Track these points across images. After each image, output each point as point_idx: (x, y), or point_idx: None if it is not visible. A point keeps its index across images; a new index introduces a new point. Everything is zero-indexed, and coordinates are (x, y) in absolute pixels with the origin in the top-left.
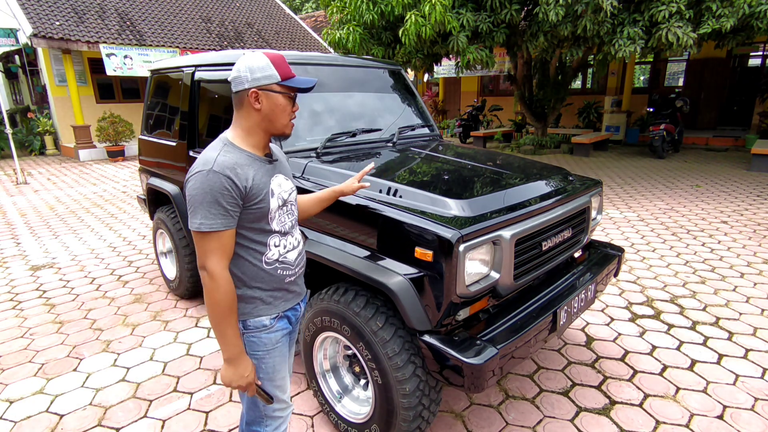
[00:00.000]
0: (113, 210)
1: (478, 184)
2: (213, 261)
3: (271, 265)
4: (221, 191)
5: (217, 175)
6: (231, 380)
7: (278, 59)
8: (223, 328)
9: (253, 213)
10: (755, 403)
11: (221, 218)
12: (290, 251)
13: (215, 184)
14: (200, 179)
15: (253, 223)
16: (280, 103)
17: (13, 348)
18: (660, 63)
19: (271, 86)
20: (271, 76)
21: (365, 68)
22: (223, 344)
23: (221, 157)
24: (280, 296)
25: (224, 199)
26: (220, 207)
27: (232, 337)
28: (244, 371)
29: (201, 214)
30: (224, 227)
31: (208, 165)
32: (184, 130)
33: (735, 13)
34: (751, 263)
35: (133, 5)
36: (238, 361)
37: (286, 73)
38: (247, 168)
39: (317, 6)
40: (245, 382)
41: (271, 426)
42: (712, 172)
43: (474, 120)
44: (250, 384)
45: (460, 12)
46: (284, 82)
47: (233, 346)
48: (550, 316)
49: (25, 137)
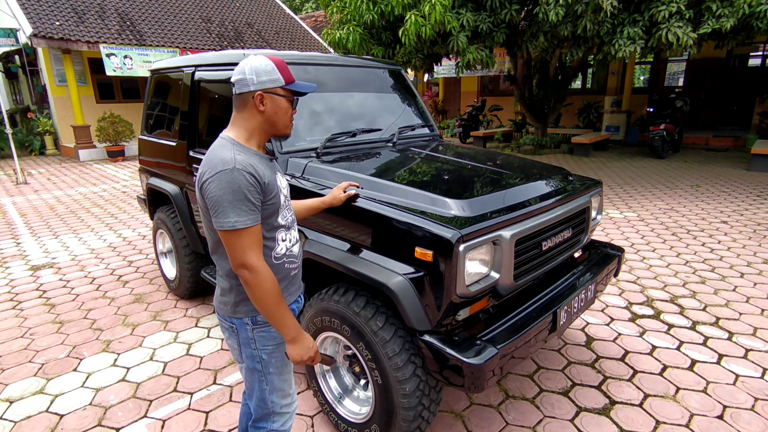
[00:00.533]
0: (113, 210)
1: (478, 184)
2: (253, 256)
3: (280, 259)
4: (248, 187)
5: (241, 173)
6: (301, 356)
7: (281, 63)
8: (280, 314)
9: (268, 209)
10: (755, 403)
11: (252, 214)
12: (295, 245)
13: (242, 182)
14: (225, 178)
15: (265, 219)
16: (282, 106)
17: (13, 348)
18: (660, 63)
19: (276, 89)
20: (277, 80)
21: (365, 68)
22: (285, 327)
23: (238, 156)
24: (285, 289)
25: (251, 194)
26: (250, 203)
27: (290, 318)
28: (309, 343)
29: (234, 213)
30: (256, 222)
31: (229, 164)
32: (184, 130)
33: (735, 13)
34: (751, 263)
35: (133, 5)
36: (301, 337)
37: (289, 78)
38: (260, 165)
39: (317, 6)
40: (313, 353)
41: (278, 422)
42: (712, 172)
43: (474, 120)
44: (317, 353)
45: (460, 12)
46: (288, 86)
47: (293, 325)
48: (550, 316)
49: (25, 137)
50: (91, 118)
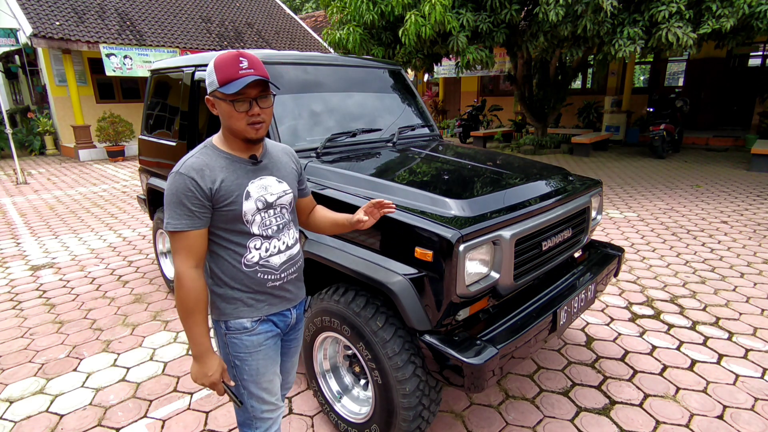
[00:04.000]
0: (113, 210)
1: (478, 184)
2: (179, 260)
3: (251, 267)
4: (185, 192)
5: (182, 177)
6: (196, 377)
7: (223, 62)
8: (188, 326)
9: (225, 214)
10: (755, 403)
11: (186, 218)
12: (273, 255)
13: (180, 186)
14: (170, 180)
15: (227, 224)
16: (224, 109)
17: (13, 348)
18: (660, 63)
19: (215, 92)
20: (212, 83)
21: (365, 68)
22: (190, 341)
23: (192, 159)
24: (262, 299)
25: (188, 200)
26: (185, 208)
27: (198, 336)
28: (208, 370)
29: (168, 214)
30: (189, 228)
31: (177, 167)
32: (184, 130)
33: (735, 13)
34: (751, 263)
35: (133, 5)
36: (203, 359)
37: (226, 77)
38: (218, 170)
39: (317, 6)
40: (209, 381)
41: (261, 428)
42: (712, 172)
43: (474, 120)
44: (215, 383)
45: (460, 12)
46: (221, 87)
47: (198, 344)
48: (550, 316)
49: (25, 137)
50: (91, 118)
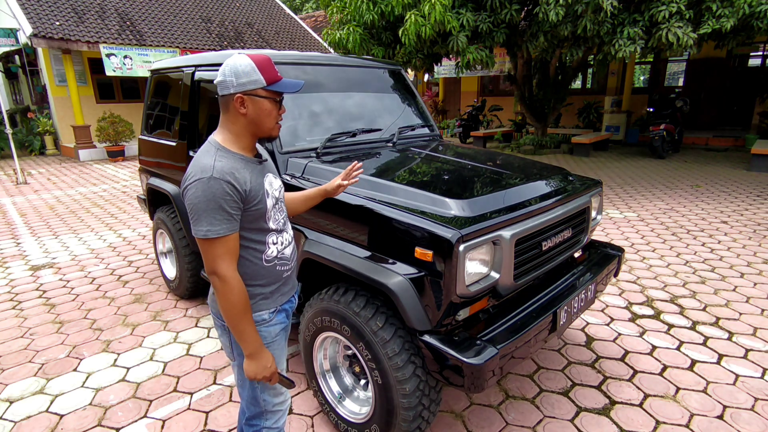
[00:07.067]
0: (113, 210)
1: (478, 184)
2: (223, 266)
3: (271, 262)
4: (224, 197)
5: (218, 182)
6: (256, 373)
7: (264, 62)
8: (242, 327)
9: (252, 214)
10: (755, 403)
11: (226, 223)
12: (286, 247)
13: (217, 191)
14: (201, 187)
15: (251, 223)
16: (265, 108)
17: (13, 348)
18: (660, 63)
19: (257, 91)
20: (257, 81)
21: (365, 68)
22: (244, 341)
23: (218, 163)
24: (277, 290)
25: (227, 204)
26: (224, 212)
27: (252, 334)
28: (267, 362)
29: (206, 222)
30: (230, 231)
31: (207, 172)
32: (185, 130)
33: (735, 13)
34: (751, 263)
35: (133, 5)
36: (259, 354)
37: (272, 77)
38: (243, 171)
39: (317, 6)
40: (269, 373)
41: (271, 420)
42: (712, 172)
43: (474, 120)
44: (274, 374)
45: (460, 12)
46: (269, 86)
47: (253, 341)
48: (550, 316)
49: (25, 137)
50: (91, 118)
